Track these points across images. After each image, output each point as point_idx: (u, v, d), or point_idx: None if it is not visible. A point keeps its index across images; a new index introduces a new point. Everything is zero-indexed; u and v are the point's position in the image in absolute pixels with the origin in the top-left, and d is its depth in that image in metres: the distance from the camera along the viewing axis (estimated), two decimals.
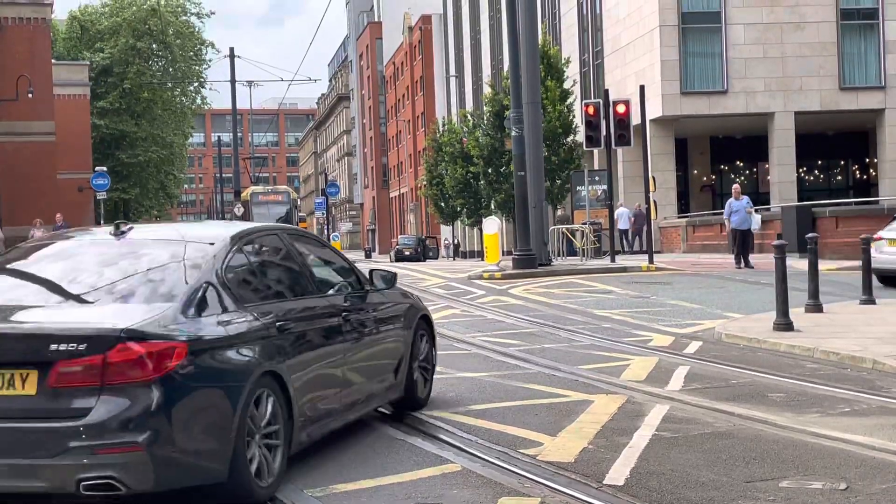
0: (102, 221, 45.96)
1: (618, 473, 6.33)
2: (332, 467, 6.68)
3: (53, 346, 5.31)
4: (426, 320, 8.87)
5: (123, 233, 6.69)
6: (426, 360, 8.74)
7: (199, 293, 5.93)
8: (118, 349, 5.31)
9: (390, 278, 8.27)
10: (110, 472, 5.23)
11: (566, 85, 45.65)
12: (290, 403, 6.23)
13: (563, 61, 45.99)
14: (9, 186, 41.24)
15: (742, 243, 25.44)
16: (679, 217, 42.33)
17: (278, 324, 6.32)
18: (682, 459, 6.66)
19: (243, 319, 6.06)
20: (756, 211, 26.56)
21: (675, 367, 10.43)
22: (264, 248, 7.16)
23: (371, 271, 8.20)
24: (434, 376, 9.00)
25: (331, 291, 7.51)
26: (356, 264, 8.30)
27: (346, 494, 6.06)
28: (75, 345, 5.30)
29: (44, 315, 5.79)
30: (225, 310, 6.01)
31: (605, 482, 6.15)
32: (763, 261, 25.37)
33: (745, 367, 10.38)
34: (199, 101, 71.62)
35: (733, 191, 26.34)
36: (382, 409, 8.29)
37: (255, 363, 5.93)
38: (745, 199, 26.24)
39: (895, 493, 5.84)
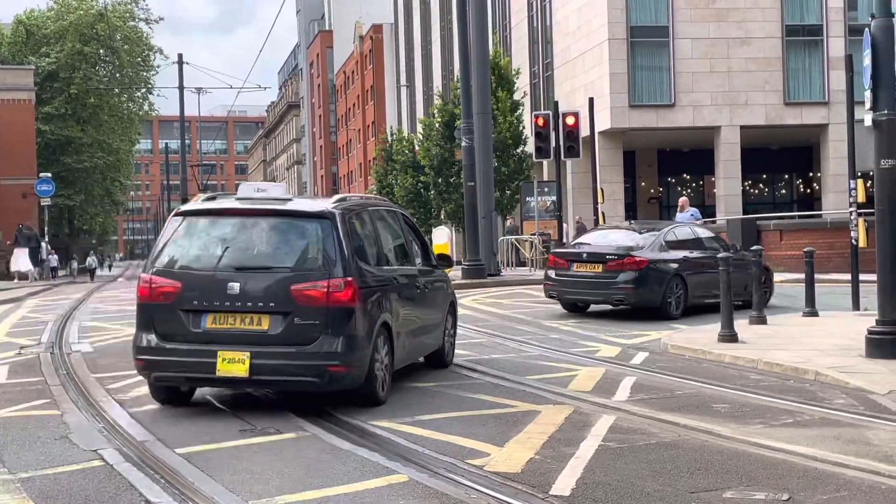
0: (47, 228, 45.42)
1: (564, 484, 6.34)
2: (275, 478, 6.62)
3: (608, 255, 16.51)
4: (768, 270, 18.59)
5: (635, 228, 18.68)
6: (766, 285, 17.82)
7: (657, 246, 16.77)
8: (628, 258, 16.30)
9: (732, 246, 19.09)
10: (622, 296, 16.47)
11: (516, 96, 45.84)
12: (686, 288, 16.56)
13: (513, 72, 46.19)
14: None
15: None
16: None
17: (683, 258, 16.83)
18: (628, 470, 6.68)
19: (671, 256, 16.79)
20: (704, 224, 26.73)
21: (622, 378, 10.49)
22: (675, 231, 17.78)
23: (729, 244, 19.39)
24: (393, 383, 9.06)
25: (708, 250, 17.56)
26: None
27: None
28: (615, 255, 16.51)
29: (609, 247, 17.02)
30: (665, 251, 16.77)
31: (551, 493, 6.16)
32: None
33: (690, 378, 10.47)
34: (146, 107, 70.83)
35: (680, 203, 26.57)
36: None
37: (674, 270, 16.54)
38: (692, 211, 26.46)
39: (837, 503, 5.91)
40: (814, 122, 42.55)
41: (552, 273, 17.46)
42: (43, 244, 44.92)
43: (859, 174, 16.68)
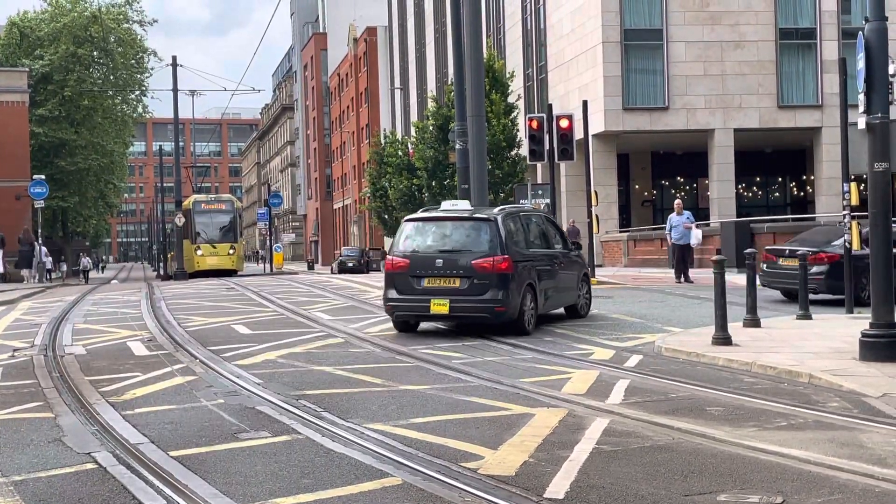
0: (40, 230, 45.35)
1: (558, 487, 6.33)
2: (269, 481, 6.60)
3: (803, 251, 16.84)
4: None
5: (835, 228, 19.93)
6: None
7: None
8: (820, 253, 18.41)
9: None
10: (815, 286, 17.48)
11: (510, 99, 45.88)
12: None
13: (508, 75, 46.21)
14: None
15: (681, 258, 25.69)
16: (620, 231, 42.70)
17: None
18: (622, 473, 6.68)
19: (867, 252, 12.89)
20: (696, 226, 26.75)
21: (616, 381, 10.48)
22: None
23: None
24: (377, 389, 9.03)
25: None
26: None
27: None
28: (809, 251, 17.73)
29: (807, 243, 19.44)
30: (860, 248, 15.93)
31: (545, 496, 6.15)
32: (702, 275, 25.65)
33: (684, 381, 10.46)
34: (140, 109, 70.72)
35: (675, 206, 26.60)
36: None
37: (866, 265, 12.49)
38: (687, 214, 26.49)
39: None
40: (807, 125, 42.64)
41: (764, 266, 20.19)
42: (39, 247, 44.91)
43: (853, 177, 16.70)
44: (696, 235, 26.03)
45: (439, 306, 14.38)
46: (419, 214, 16.18)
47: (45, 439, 8.13)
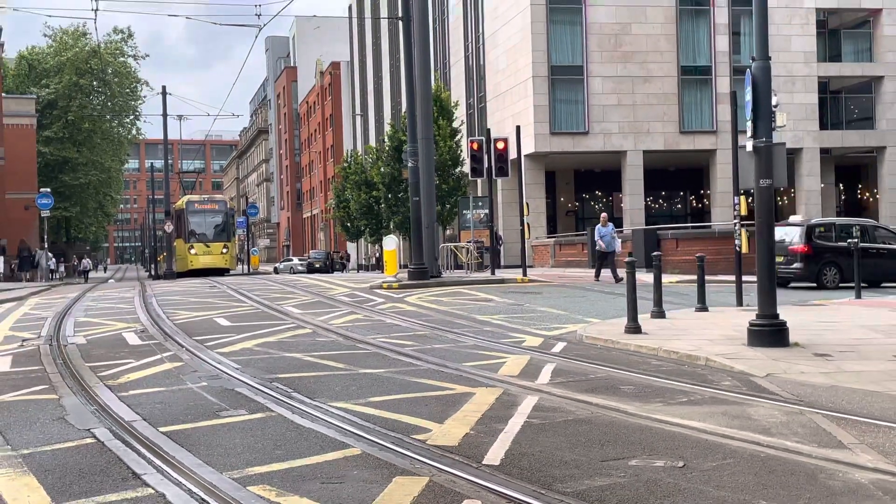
0: (46, 236, 44.52)
1: (495, 455, 6.34)
2: (246, 452, 6.54)
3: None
4: None
5: None
6: None
7: None
8: None
9: None
10: None
11: (455, 124, 45.94)
12: None
13: (453, 104, 46.28)
14: None
15: (608, 262, 25.79)
16: (548, 237, 42.91)
17: None
18: (549, 442, 6.71)
19: None
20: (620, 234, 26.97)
21: (544, 364, 10.52)
22: None
23: None
24: (340, 372, 8.99)
25: None
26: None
27: (260, 476, 5.94)
28: None
29: None
30: None
31: (484, 462, 6.16)
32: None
33: (601, 364, 10.53)
34: (134, 131, 69.76)
35: (601, 219, 26.65)
36: None
37: None
38: (611, 225, 26.59)
39: (724, 469, 6.00)
40: (704, 147, 43.23)
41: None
42: (40, 252, 44.09)
43: (742, 191, 16.94)
44: (618, 244, 26.35)
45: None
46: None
47: (49, 417, 7.98)
